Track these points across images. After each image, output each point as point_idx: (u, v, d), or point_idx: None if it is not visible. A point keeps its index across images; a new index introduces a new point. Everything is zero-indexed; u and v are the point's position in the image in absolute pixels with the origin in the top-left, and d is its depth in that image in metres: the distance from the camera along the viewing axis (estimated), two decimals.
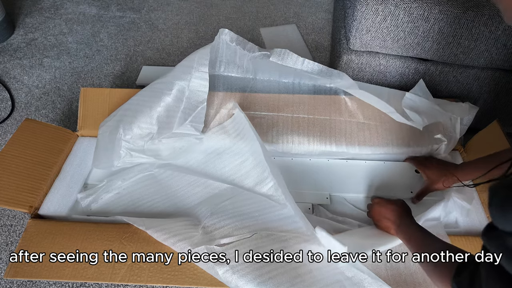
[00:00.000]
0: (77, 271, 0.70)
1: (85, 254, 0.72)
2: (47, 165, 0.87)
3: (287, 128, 0.93)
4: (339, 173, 0.91)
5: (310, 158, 0.94)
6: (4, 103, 1.23)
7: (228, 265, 0.65)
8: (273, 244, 0.69)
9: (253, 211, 0.76)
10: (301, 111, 0.95)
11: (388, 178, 0.89)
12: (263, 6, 1.67)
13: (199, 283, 0.69)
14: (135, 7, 1.66)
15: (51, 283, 0.83)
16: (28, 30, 1.52)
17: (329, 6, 1.66)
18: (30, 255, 0.72)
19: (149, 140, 0.86)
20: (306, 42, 1.48)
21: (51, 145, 0.90)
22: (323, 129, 0.93)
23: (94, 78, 1.33)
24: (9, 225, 0.94)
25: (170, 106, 0.85)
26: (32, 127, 0.90)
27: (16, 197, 0.79)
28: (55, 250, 0.73)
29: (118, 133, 0.84)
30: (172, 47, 1.45)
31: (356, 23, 0.91)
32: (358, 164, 0.92)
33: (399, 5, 0.84)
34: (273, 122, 0.94)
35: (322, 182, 0.88)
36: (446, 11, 0.83)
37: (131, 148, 0.85)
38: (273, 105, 0.96)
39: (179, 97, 0.85)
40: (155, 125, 0.84)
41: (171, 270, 0.70)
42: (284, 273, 0.65)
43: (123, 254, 0.72)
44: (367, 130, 0.92)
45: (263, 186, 0.81)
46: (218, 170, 0.88)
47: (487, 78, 0.95)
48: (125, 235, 0.75)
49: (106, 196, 0.86)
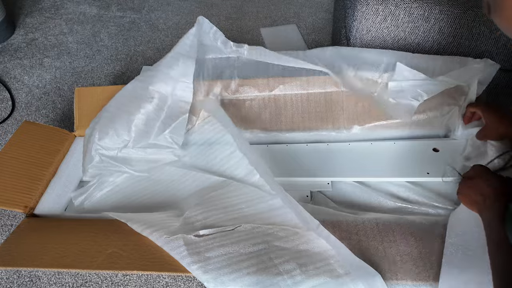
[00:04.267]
0: (54, 260, 0.70)
1: (65, 244, 0.72)
2: (44, 166, 0.88)
3: (280, 108, 0.89)
4: (341, 157, 0.83)
5: (307, 144, 0.89)
6: (5, 103, 1.23)
7: (199, 257, 0.63)
8: (256, 237, 0.66)
9: (240, 202, 0.73)
10: (294, 88, 0.89)
11: (398, 159, 0.81)
12: (263, 6, 1.67)
13: (178, 270, 0.66)
14: (135, 7, 1.66)
15: (51, 283, 0.83)
16: (29, 30, 1.53)
17: (329, 6, 1.66)
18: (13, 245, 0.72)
19: (123, 147, 0.84)
20: (306, 42, 1.47)
21: (48, 146, 0.91)
22: (319, 105, 0.88)
23: (95, 78, 1.33)
24: (9, 225, 0.94)
25: (150, 114, 0.83)
26: (30, 129, 0.91)
27: (12, 197, 0.80)
28: (39, 242, 0.73)
29: (93, 136, 0.82)
30: (173, 47, 1.44)
31: (357, 23, 0.91)
32: (363, 145, 0.85)
33: (399, 5, 0.84)
34: (265, 103, 0.90)
35: (322, 168, 0.82)
36: (446, 11, 0.83)
37: (103, 153, 0.83)
38: (263, 85, 0.90)
39: (160, 106, 0.83)
40: (132, 132, 0.82)
41: (150, 258, 0.68)
42: (264, 269, 0.62)
43: (105, 245, 0.71)
44: (366, 99, 0.85)
45: (252, 176, 0.77)
46: (208, 161, 0.85)
47: None
48: (111, 227, 0.74)
49: (98, 193, 0.85)
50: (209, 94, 0.90)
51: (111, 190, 0.86)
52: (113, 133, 0.81)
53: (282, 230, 0.67)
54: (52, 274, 0.84)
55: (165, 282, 0.81)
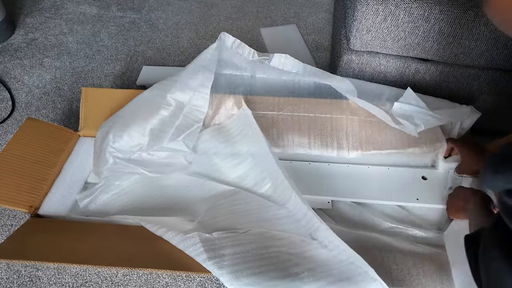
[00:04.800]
0: (65, 256, 0.70)
1: (75, 241, 0.72)
2: (48, 165, 0.87)
3: (287, 127, 0.93)
4: (340, 178, 0.90)
5: (310, 162, 0.93)
6: (5, 103, 1.23)
7: (214, 253, 0.65)
8: (267, 241, 0.69)
9: (249, 209, 0.76)
10: (302, 109, 0.95)
11: (392, 184, 0.89)
12: (263, 6, 1.67)
13: (192, 269, 0.67)
14: (135, 7, 1.66)
15: (51, 283, 0.83)
16: (29, 30, 1.53)
17: (329, 6, 1.66)
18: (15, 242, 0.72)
19: (138, 151, 0.85)
20: (306, 42, 1.47)
21: (53, 144, 0.90)
22: (324, 128, 0.93)
23: (95, 78, 1.33)
24: (9, 225, 0.94)
25: (165, 121, 0.85)
26: (34, 126, 0.90)
27: (16, 196, 0.80)
28: (48, 239, 0.73)
29: (107, 139, 0.84)
30: (173, 47, 1.45)
31: (357, 23, 0.91)
32: (361, 168, 0.91)
33: (399, 5, 0.84)
34: (273, 121, 0.94)
35: (323, 187, 0.87)
36: (446, 11, 0.83)
37: (118, 156, 0.85)
38: (273, 104, 0.96)
39: (176, 113, 0.86)
40: (147, 137, 0.84)
41: (165, 257, 0.69)
42: (275, 270, 0.65)
43: (119, 246, 0.71)
44: (369, 127, 0.92)
45: (261, 186, 0.81)
46: (215, 170, 0.88)
47: (487, 78, 0.95)
48: (121, 231, 0.75)
49: (104, 196, 0.86)
50: (220, 108, 0.94)
51: (117, 193, 0.87)
52: (127, 137, 0.84)
53: (290, 237, 0.71)
54: (52, 274, 0.84)
55: (165, 282, 0.81)
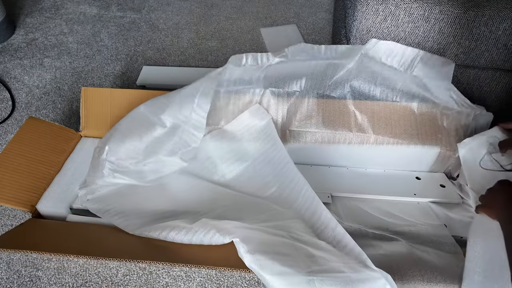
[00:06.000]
0: (77, 249, 0.70)
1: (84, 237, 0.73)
2: (50, 165, 0.87)
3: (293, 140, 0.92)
4: (340, 178, 0.91)
5: (311, 165, 0.94)
6: (5, 103, 1.23)
7: (230, 236, 0.64)
8: (281, 230, 0.68)
9: (254, 211, 0.75)
10: (308, 126, 0.89)
11: (390, 183, 0.91)
12: (263, 6, 1.67)
13: (217, 264, 0.66)
14: (135, 7, 1.66)
15: (51, 283, 0.83)
16: (29, 30, 1.53)
17: (329, 6, 1.66)
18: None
19: (135, 163, 0.85)
20: (306, 42, 1.47)
21: (54, 144, 0.90)
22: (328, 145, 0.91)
23: (95, 78, 1.33)
24: (9, 225, 0.94)
25: (162, 140, 0.85)
26: (36, 126, 0.90)
27: (18, 195, 0.79)
28: (53, 235, 0.74)
29: (104, 152, 0.84)
30: (173, 47, 1.45)
31: (357, 23, 0.91)
32: (359, 171, 0.94)
33: (399, 5, 0.84)
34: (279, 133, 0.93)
35: (323, 185, 0.88)
36: (446, 11, 0.83)
37: (115, 169, 0.85)
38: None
39: (173, 133, 0.86)
40: (141, 155, 0.85)
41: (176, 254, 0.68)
42: (295, 250, 0.64)
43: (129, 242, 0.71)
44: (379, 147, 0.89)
45: (265, 190, 0.80)
46: (219, 171, 0.87)
47: (487, 78, 0.95)
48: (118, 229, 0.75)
49: (105, 189, 0.85)
50: (227, 111, 0.91)
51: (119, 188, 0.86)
52: (124, 152, 0.84)
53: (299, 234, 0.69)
54: (52, 274, 0.84)
55: (165, 282, 0.81)
